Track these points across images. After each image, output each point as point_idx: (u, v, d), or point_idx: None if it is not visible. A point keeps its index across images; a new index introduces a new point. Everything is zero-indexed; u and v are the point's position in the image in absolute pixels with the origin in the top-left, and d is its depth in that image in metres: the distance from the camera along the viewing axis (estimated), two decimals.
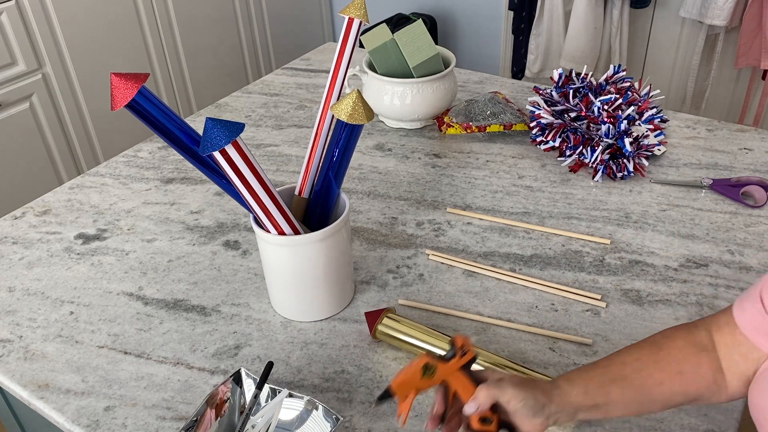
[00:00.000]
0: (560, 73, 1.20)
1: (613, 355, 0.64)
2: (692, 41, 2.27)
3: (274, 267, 0.84)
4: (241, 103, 1.45)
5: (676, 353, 0.62)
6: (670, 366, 0.62)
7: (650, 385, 0.61)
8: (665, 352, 0.63)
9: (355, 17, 0.86)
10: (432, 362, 0.62)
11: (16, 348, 0.86)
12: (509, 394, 0.60)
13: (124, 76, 0.67)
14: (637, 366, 0.62)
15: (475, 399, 0.61)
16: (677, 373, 0.61)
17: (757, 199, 1.06)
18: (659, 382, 0.61)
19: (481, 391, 0.61)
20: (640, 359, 0.62)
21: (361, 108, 0.74)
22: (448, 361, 0.63)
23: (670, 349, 0.63)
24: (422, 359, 0.63)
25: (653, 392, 0.61)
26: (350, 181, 1.16)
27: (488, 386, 0.61)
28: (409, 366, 0.63)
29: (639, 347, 0.64)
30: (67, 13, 2.00)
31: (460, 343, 0.63)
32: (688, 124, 1.28)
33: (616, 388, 0.61)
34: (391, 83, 1.24)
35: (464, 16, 2.77)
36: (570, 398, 0.61)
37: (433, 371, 0.63)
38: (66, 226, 1.08)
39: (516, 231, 1.02)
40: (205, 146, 0.67)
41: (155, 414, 0.76)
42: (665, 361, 0.62)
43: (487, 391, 0.60)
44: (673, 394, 0.62)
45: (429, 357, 0.63)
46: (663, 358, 0.62)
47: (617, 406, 0.62)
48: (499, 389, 0.60)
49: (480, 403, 0.61)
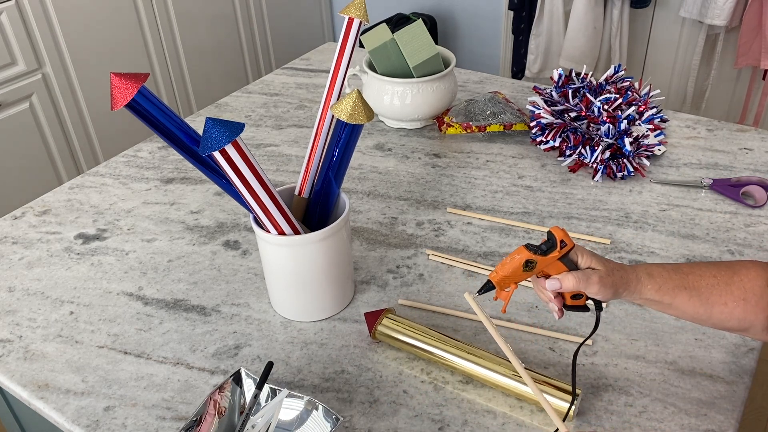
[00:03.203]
0: (560, 73, 1.20)
1: (694, 265, 0.70)
2: (692, 41, 2.27)
3: (274, 267, 0.84)
4: (241, 103, 1.45)
5: (747, 282, 0.67)
6: (738, 291, 0.67)
7: (715, 302, 0.67)
8: (738, 277, 0.68)
9: (355, 17, 0.86)
10: (533, 257, 0.67)
11: (16, 348, 0.86)
12: (592, 291, 0.66)
13: (124, 76, 0.67)
14: (711, 282, 0.68)
15: (560, 281, 0.67)
16: (742, 299, 0.67)
17: (757, 199, 1.06)
18: (724, 302, 0.67)
19: (569, 280, 0.66)
20: (716, 276, 0.68)
21: (361, 108, 0.74)
22: (547, 253, 0.67)
23: (742, 276, 0.68)
24: (523, 255, 0.67)
25: (714, 309, 0.67)
26: (350, 181, 1.16)
27: (576, 277, 0.66)
28: (509, 261, 0.67)
29: (717, 266, 0.69)
30: (67, 13, 2.00)
31: (560, 237, 0.66)
32: (688, 124, 1.28)
33: (686, 294, 0.67)
34: (391, 83, 1.24)
35: (464, 16, 2.77)
36: (643, 291, 0.68)
37: (534, 265, 0.67)
38: (66, 226, 1.08)
39: (516, 231, 1.02)
40: (205, 146, 0.67)
41: (155, 414, 0.76)
42: (736, 285, 0.67)
43: (575, 284, 0.66)
44: (731, 318, 0.67)
45: (529, 252, 0.67)
46: (735, 282, 0.67)
47: (677, 309, 0.68)
48: (585, 282, 0.66)
49: (562, 287, 0.67)
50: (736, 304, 0.67)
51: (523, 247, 0.68)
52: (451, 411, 0.75)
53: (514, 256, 0.67)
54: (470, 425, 0.73)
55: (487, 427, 0.73)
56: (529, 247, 0.67)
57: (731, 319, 0.67)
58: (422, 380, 0.79)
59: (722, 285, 0.67)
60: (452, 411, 0.75)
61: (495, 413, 0.74)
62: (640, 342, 0.82)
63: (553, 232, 0.67)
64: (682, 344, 0.82)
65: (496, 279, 0.68)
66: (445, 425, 0.73)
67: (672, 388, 0.76)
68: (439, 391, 0.77)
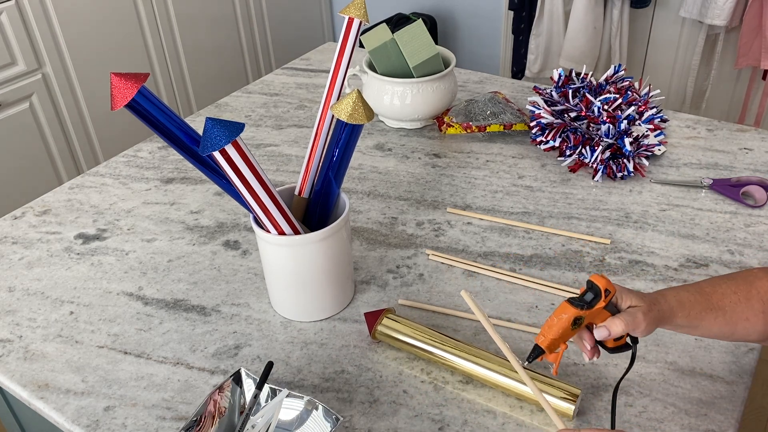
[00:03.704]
0: (560, 73, 1.20)
1: (714, 283, 0.69)
2: (692, 41, 2.27)
3: (274, 267, 0.84)
4: (241, 103, 1.45)
5: (764, 294, 0.67)
6: (757, 305, 0.67)
7: (738, 319, 0.67)
8: (755, 290, 0.67)
9: (355, 17, 0.86)
10: (581, 314, 0.64)
11: (16, 348, 0.86)
12: (641, 330, 0.65)
13: (124, 76, 0.67)
14: (733, 299, 0.67)
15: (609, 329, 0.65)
16: (762, 312, 0.67)
17: (757, 199, 1.06)
18: (745, 318, 0.67)
19: (617, 325, 0.64)
20: (737, 293, 0.67)
21: (361, 108, 0.74)
22: (592, 305, 0.64)
23: (759, 289, 0.67)
24: (569, 313, 0.64)
25: (738, 326, 0.67)
26: (350, 181, 1.16)
27: (624, 321, 0.64)
28: (557, 322, 0.64)
29: (734, 281, 0.69)
30: (67, 13, 2.00)
31: (604, 285, 0.64)
32: (688, 124, 1.28)
33: (711, 316, 0.67)
34: (391, 83, 1.24)
35: (464, 16, 2.77)
36: (675, 320, 0.67)
37: (582, 321, 0.65)
38: (66, 226, 1.08)
39: (516, 231, 1.02)
40: (205, 146, 0.67)
41: (155, 414, 0.76)
42: (755, 299, 0.67)
43: (624, 328, 0.64)
44: (752, 332, 0.67)
45: (575, 308, 0.64)
46: (753, 295, 0.67)
47: (703, 330, 0.68)
48: (633, 324, 0.64)
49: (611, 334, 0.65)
50: (758, 318, 0.67)
51: (567, 304, 0.64)
52: (451, 411, 0.75)
53: (561, 316, 0.64)
54: (470, 425, 0.73)
55: (487, 427, 0.73)
56: (573, 303, 0.64)
57: (753, 333, 0.67)
58: (422, 380, 0.79)
59: (743, 301, 0.67)
60: (452, 411, 0.75)
61: (495, 413, 0.74)
62: (640, 342, 0.82)
63: (595, 281, 0.64)
64: (682, 344, 0.82)
65: (546, 344, 0.64)
66: (445, 425, 0.73)
67: (672, 388, 0.76)
68: (439, 391, 0.77)
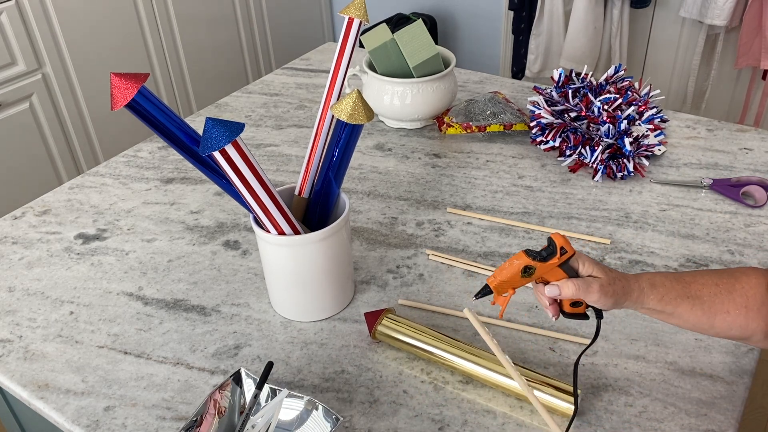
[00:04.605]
0: (560, 73, 1.20)
1: (696, 274, 0.69)
2: (692, 41, 2.27)
3: (274, 267, 0.84)
4: (241, 103, 1.45)
5: (749, 289, 0.67)
6: (740, 299, 0.67)
7: (718, 311, 0.67)
8: (740, 284, 0.67)
9: (355, 17, 0.86)
10: (532, 264, 0.65)
11: (16, 348, 0.86)
12: (592, 299, 0.65)
13: (124, 76, 0.67)
14: (714, 291, 0.67)
15: (560, 288, 0.66)
16: (744, 307, 0.66)
17: (757, 199, 1.06)
18: (726, 310, 0.67)
19: (568, 287, 0.66)
20: (718, 285, 0.67)
21: (361, 108, 0.74)
22: (546, 260, 0.65)
23: (744, 285, 0.67)
24: (522, 260, 0.66)
25: (717, 318, 0.67)
26: (350, 181, 1.16)
27: (576, 284, 0.65)
28: (508, 266, 0.66)
29: (719, 274, 0.69)
30: (67, 13, 2.00)
31: (561, 243, 0.65)
32: (688, 124, 1.28)
33: (688, 304, 0.67)
34: (391, 83, 1.24)
35: (464, 16, 2.77)
36: (646, 301, 0.67)
37: (533, 272, 0.66)
38: (66, 226, 1.08)
39: (516, 231, 1.02)
40: (205, 146, 0.67)
41: (155, 414, 0.76)
42: (738, 293, 0.67)
43: (574, 291, 0.65)
44: (732, 326, 0.67)
45: (528, 258, 0.65)
46: (737, 290, 0.67)
47: (680, 318, 0.68)
48: (585, 290, 0.65)
49: (561, 294, 0.66)
50: (738, 312, 0.66)
51: (523, 253, 0.66)
52: (451, 411, 0.75)
53: (513, 261, 0.66)
54: (470, 425, 0.73)
55: (487, 427, 0.73)
56: (529, 253, 0.66)
57: (733, 328, 0.67)
58: (422, 380, 0.79)
59: (724, 293, 0.67)
60: (452, 411, 0.75)
61: (495, 413, 0.74)
62: (640, 342, 0.82)
63: (554, 238, 0.66)
64: (682, 344, 0.82)
65: (494, 284, 0.67)
66: (445, 425, 0.73)
67: (672, 388, 0.76)
68: (439, 391, 0.77)
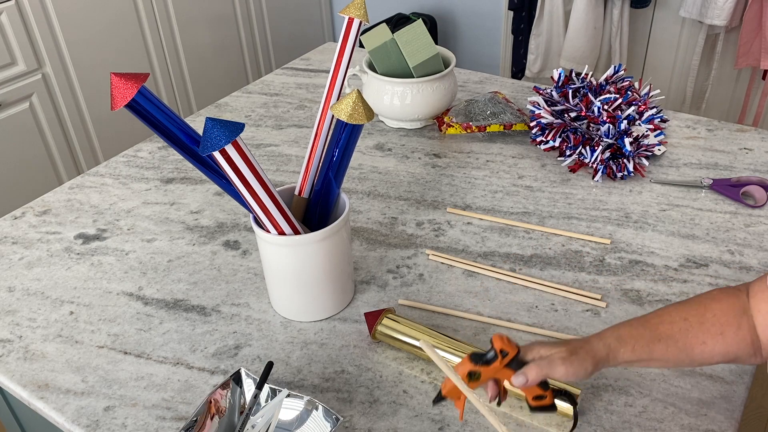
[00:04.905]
0: (560, 73, 1.20)
1: (663, 313, 0.67)
2: (692, 41, 2.27)
3: (274, 267, 0.84)
4: (241, 103, 1.45)
5: (720, 315, 0.65)
6: (714, 327, 0.65)
7: (693, 344, 0.65)
8: (711, 313, 0.65)
9: (355, 17, 0.86)
10: (475, 369, 0.64)
11: (16, 348, 0.86)
12: (559, 373, 0.63)
13: (124, 76, 0.67)
14: (683, 326, 0.65)
15: (524, 375, 0.63)
16: (719, 334, 0.64)
17: (757, 199, 1.06)
18: (702, 342, 0.65)
19: (531, 371, 0.63)
20: (687, 319, 0.65)
21: (361, 108, 0.74)
22: (490, 363, 0.64)
23: (715, 311, 0.65)
24: (465, 366, 0.64)
25: (694, 351, 0.65)
26: (350, 181, 1.16)
27: (538, 366, 0.63)
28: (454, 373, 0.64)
29: (686, 307, 0.67)
30: (67, 13, 2.00)
31: (499, 347, 0.64)
32: (688, 124, 1.28)
33: (662, 346, 0.65)
34: (391, 83, 1.24)
35: (464, 16, 2.77)
36: (617, 357, 0.65)
37: (479, 376, 0.64)
38: (66, 226, 1.08)
39: (516, 231, 1.02)
40: (205, 146, 0.67)
41: (155, 414, 0.76)
42: (710, 322, 0.65)
43: (538, 372, 0.63)
44: (713, 354, 0.65)
45: (471, 363, 0.64)
46: (708, 319, 0.65)
47: (658, 362, 0.66)
48: (549, 368, 0.63)
49: (529, 380, 0.63)
50: (715, 340, 0.64)
51: (467, 358, 0.64)
52: (451, 411, 0.75)
53: (458, 369, 0.64)
54: (470, 425, 0.73)
55: (487, 427, 0.73)
56: (473, 358, 0.64)
57: (714, 356, 0.65)
58: (422, 380, 0.79)
59: (696, 326, 0.65)
60: (452, 411, 0.75)
61: (495, 413, 0.74)
62: None
63: (493, 341, 0.64)
64: None
65: (445, 391, 0.65)
66: (445, 425, 0.73)
67: (672, 388, 0.76)
68: None
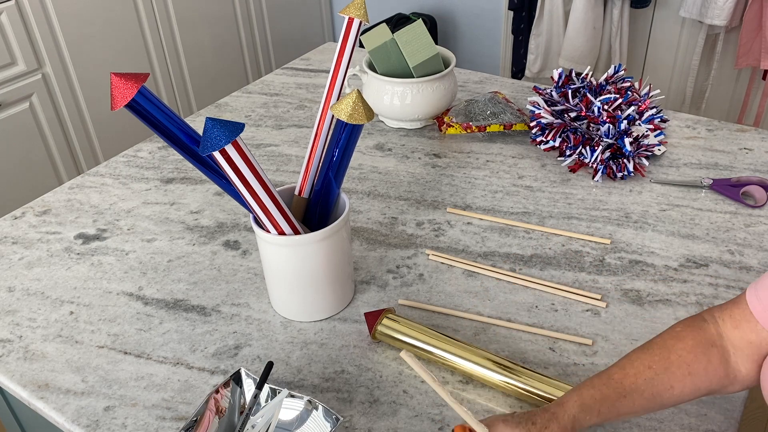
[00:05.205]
0: (560, 73, 1.20)
1: (626, 364, 0.64)
2: (692, 41, 2.27)
3: (274, 267, 0.84)
4: (241, 103, 1.45)
5: (686, 355, 0.62)
6: (680, 370, 0.62)
7: (661, 391, 0.62)
8: (676, 355, 0.63)
9: (355, 17, 0.86)
10: None
11: (16, 348, 0.86)
12: None
13: (124, 76, 0.67)
14: (648, 376, 0.62)
15: None
16: (687, 374, 0.62)
17: (757, 199, 1.06)
18: (669, 387, 0.62)
19: None
20: (651, 367, 0.63)
21: (361, 108, 0.74)
22: None
23: (680, 352, 0.63)
24: None
25: (663, 397, 0.62)
26: (350, 181, 1.16)
27: None
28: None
29: (650, 353, 0.64)
30: (67, 13, 2.00)
31: None
32: (688, 124, 1.28)
33: (628, 401, 0.62)
34: (391, 83, 1.24)
35: (464, 16, 2.77)
36: (584, 424, 0.62)
37: None
38: (66, 226, 1.08)
39: (516, 231, 1.02)
40: (205, 146, 0.67)
41: (155, 414, 0.76)
42: (675, 365, 0.62)
43: None
44: (683, 395, 0.63)
45: None
46: (674, 362, 0.62)
47: (627, 415, 0.64)
48: None
49: None
50: (683, 382, 0.62)
51: None
52: (451, 411, 0.75)
53: None
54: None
55: None
56: None
57: (685, 396, 0.63)
58: (422, 380, 0.79)
59: (661, 372, 0.62)
60: (452, 411, 0.75)
61: (495, 413, 0.74)
62: (640, 342, 0.82)
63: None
64: None
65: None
66: (445, 425, 0.73)
67: None
68: None
